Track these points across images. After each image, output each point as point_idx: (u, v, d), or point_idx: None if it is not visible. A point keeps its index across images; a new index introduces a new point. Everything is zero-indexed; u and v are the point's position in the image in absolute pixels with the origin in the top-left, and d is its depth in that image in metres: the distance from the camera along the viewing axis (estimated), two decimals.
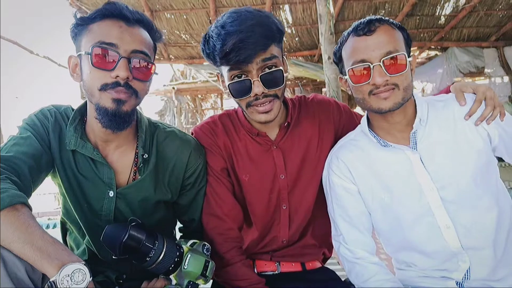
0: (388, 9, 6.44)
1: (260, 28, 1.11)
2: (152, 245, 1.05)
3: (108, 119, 1.07)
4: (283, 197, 1.36)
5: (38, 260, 0.83)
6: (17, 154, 1.06)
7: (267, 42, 1.13)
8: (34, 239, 0.85)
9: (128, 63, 1.06)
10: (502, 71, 7.40)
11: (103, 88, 1.05)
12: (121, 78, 1.05)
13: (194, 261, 1.09)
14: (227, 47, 1.09)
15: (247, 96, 1.17)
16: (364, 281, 1.23)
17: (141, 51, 1.09)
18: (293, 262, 1.41)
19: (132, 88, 1.08)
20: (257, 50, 1.10)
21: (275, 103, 1.20)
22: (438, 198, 1.14)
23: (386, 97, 1.11)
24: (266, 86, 1.16)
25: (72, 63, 1.14)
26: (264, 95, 1.17)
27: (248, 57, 1.10)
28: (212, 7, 5.89)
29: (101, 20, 1.08)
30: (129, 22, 1.09)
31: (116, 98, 1.06)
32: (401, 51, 1.11)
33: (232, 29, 1.10)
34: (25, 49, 6.69)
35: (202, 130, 1.37)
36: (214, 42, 1.14)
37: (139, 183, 1.21)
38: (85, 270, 0.83)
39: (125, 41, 1.06)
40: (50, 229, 5.39)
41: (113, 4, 1.08)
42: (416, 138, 1.18)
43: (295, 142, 1.36)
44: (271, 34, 1.14)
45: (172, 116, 9.98)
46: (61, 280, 0.80)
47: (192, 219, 1.36)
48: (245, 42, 1.08)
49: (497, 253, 1.13)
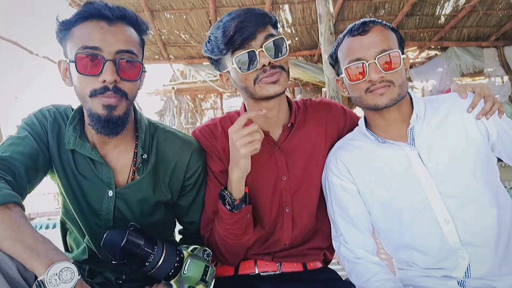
0: (388, 9, 6.45)
1: (256, 11, 1.20)
2: (151, 250, 1.06)
3: (101, 125, 1.07)
4: (286, 200, 1.35)
5: (27, 258, 0.83)
6: (13, 154, 1.06)
7: (265, 20, 1.19)
8: (24, 238, 0.85)
9: (114, 65, 1.04)
10: (502, 71, 7.41)
11: (93, 94, 1.04)
12: (108, 82, 1.03)
13: (194, 266, 1.10)
14: (229, 31, 1.14)
15: (254, 68, 1.18)
16: (365, 281, 1.23)
17: (127, 50, 1.06)
18: (294, 262, 1.41)
19: (121, 90, 1.06)
20: (258, 26, 1.16)
21: (281, 75, 1.21)
22: (437, 193, 1.15)
23: (382, 93, 1.14)
24: (271, 56, 1.17)
25: (62, 68, 1.12)
26: (271, 66, 1.18)
27: (251, 34, 1.15)
28: (212, 7, 5.89)
29: (82, 23, 1.04)
30: (111, 21, 1.05)
31: (106, 104, 1.05)
32: (395, 49, 1.15)
33: (229, 18, 1.18)
34: (25, 49, 6.69)
35: (202, 133, 1.37)
36: (215, 35, 1.19)
37: (137, 183, 1.21)
38: (73, 268, 0.83)
39: (108, 42, 1.03)
40: (50, 229, 5.38)
41: (91, 4, 1.04)
42: (414, 134, 1.20)
43: (299, 144, 1.35)
44: (267, 14, 1.21)
45: (171, 116, 9.96)
46: (49, 279, 0.80)
47: (192, 221, 1.36)
48: (245, 21, 1.15)
49: (499, 251, 1.13)
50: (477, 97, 1.19)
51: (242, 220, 1.23)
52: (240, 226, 1.23)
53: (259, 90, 1.21)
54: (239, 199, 1.20)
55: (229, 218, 1.21)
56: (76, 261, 1.08)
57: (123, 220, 1.22)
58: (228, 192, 1.20)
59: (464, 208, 1.14)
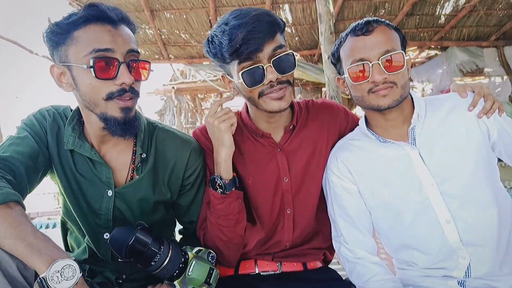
0: (388, 9, 6.44)
1: (264, 17, 1.12)
2: (158, 249, 1.05)
3: (120, 128, 1.07)
4: (287, 201, 1.35)
5: (28, 256, 0.83)
6: (13, 154, 1.06)
7: (274, 29, 1.13)
8: (26, 235, 0.86)
9: (127, 66, 1.04)
10: (502, 71, 7.39)
11: (110, 97, 1.04)
12: (126, 85, 1.03)
13: (199, 268, 1.10)
14: (236, 42, 1.09)
15: (261, 84, 1.16)
16: (365, 281, 1.23)
17: (134, 50, 1.07)
18: (294, 262, 1.41)
19: (136, 91, 1.08)
20: (266, 38, 1.11)
21: (287, 90, 1.20)
22: (438, 193, 1.15)
23: (385, 95, 1.14)
24: (279, 72, 1.15)
25: (56, 73, 1.07)
26: (278, 82, 1.16)
27: (259, 46, 1.11)
28: (212, 6, 5.88)
29: (86, 26, 1.01)
30: (115, 23, 1.04)
31: (124, 107, 1.05)
32: (399, 50, 1.15)
33: (236, 23, 1.10)
34: (25, 49, 6.69)
35: (202, 133, 1.37)
36: (219, 40, 1.13)
37: (136, 183, 1.21)
38: (75, 266, 0.83)
39: (119, 44, 1.03)
40: (50, 228, 5.38)
41: (95, 6, 1.02)
42: (415, 133, 1.20)
43: (301, 145, 1.35)
44: (276, 21, 1.15)
45: (171, 116, 9.96)
46: (51, 276, 0.80)
47: (192, 220, 1.36)
48: (253, 32, 1.08)
49: (499, 251, 1.13)
50: (477, 96, 1.19)
51: (233, 204, 1.23)
52: (232, 211, 1.23)
53: (264, 104, 1.20)
54: (228, 180, 1.21)
55: (221, 202, 1.22)
56: (77, 261, 1.08)
57: (122, 219, 1.22)
58: (217, 175, 1.21)
59: (465, 207, 1.14)
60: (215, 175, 1.22)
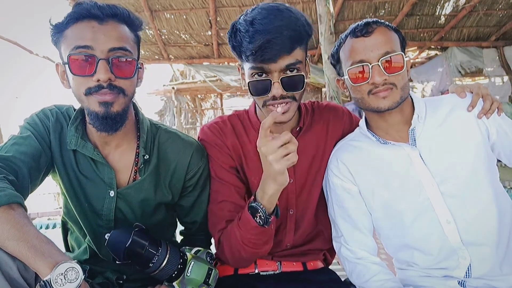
0: (388, 9, 6.45)
1: (288, 31, 1.09)
2: (156, 251, 1.06)
3: (99, 122, 1.07)
4: (291, 202, 1.35)
5: (31, 258, 0.83)
6: (16, 154, 1.07)
7: (292, 46, 1.11)
8: (29, 238, 0.86)
9: (108, 63, 1.03)
10: (502, 71, 7.41)
11: (88, 93, 1.05)
12: (102, 81, 1.03)
13: (197, 269, 1.10)
14: (253, 46, 1.08)
15: (265, 95, 1.16)
16: (365, 281, 1.23)
17: (120, 48, 1.05)
18: (294, 261, 1.41)
19: (117, 87, 1.06)
20: (282, 52, 1.09)
21: (291, 105, 1.19)
22: (439, 193, 1.15)
23: (384, 96, 1.14)
24: (285, 89, 1.14)
25: (60, 71, 1.12)
26: (281, 97, 1.16)
27: (273, 57, 1.09)
28: (212, 7, 5.89)
29: (73, 24, 1.04)
30: (101, 19, 1.05)
31: (102, 101, 1.05)
32: (398, 51, 1.15)
33: (260, 28, 1.09)
34: (25, 49, 6.69)
35: (211, 130, 1.36)
36: (241, 38, 1.12)
37: (139, 184, 1.21)
38: (78, 268, 0.84)
39: (100, 41, 1.03)
40: (50, 229, 5.38)
41: (80, 4, 1.04)
42: (415, 134, 1.20)
43: (305, 146, 1.34)
44: (299, 37, 1.13)
45: (171, 116, 9.96)
46: (55, 278, 0.80)
47: (194, 221, 1.36)
48: (271, 42, 1.07)
49: (499, 251, 1.13)
50: (475, 96, 1.20)
51: (267, 231, 1.17)
52: (263, 237, 1.18)
53: (266, 113, 1.20)
54: (271, 210, 1.13)
55: (256, 233, 1.14)
56: (77, 261, 1.08)
57: (124, 220, 1.22)
58: (260, 205, 1.11)
59: (465, 207, 1.14)
60: (258, 204, 1.12)
